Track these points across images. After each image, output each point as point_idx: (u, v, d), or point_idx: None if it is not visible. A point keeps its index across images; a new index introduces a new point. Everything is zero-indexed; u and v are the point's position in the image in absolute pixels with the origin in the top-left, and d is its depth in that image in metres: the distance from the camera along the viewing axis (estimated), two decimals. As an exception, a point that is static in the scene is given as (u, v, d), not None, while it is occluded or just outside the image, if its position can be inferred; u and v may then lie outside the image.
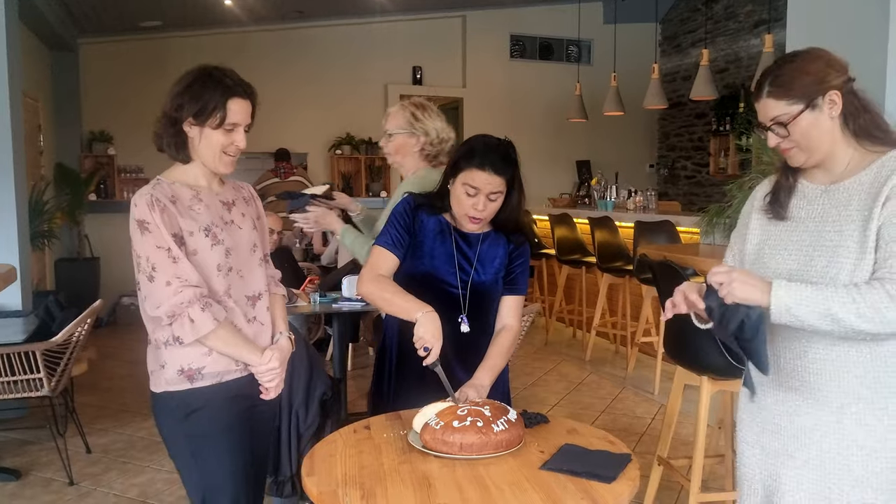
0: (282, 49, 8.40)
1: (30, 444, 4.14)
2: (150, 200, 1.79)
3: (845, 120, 1.55)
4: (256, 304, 1.96)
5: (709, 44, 8.30)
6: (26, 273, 4.78)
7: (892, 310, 1.39)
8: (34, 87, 6.59)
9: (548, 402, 4.81)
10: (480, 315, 2.12)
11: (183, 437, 1.89)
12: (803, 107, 1.53)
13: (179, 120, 1.83)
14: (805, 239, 1.58)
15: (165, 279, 1.76)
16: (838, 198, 1.56)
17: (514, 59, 9.61)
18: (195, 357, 1.84)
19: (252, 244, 1.97)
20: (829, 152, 1.57)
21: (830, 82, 1.53)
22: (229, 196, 1.97)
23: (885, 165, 1.52)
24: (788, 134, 1.56)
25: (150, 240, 1.78)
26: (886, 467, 1.52)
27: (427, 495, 1.46)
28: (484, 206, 2.02)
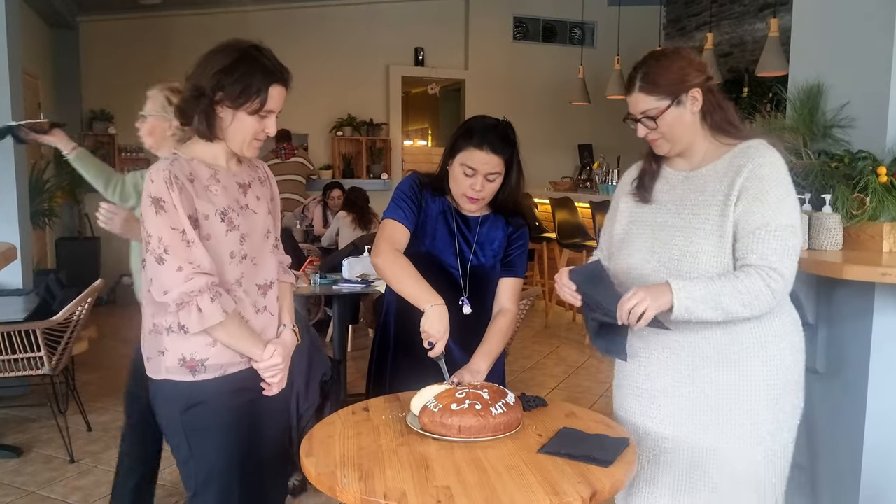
0: (283, 29, 8.34)
1: (31, 422, 4.16)
2: (168, 177, 1.67)
3: (704, 115, 1.74)
4: (267, 293, 1.88)
5: (713, 27, 8.24)
6: (27, 252, 4.78)
7: (767, 297, 1.63)
8: (34, 65, 6.55)
9: (547, 386, 4.83)
10: (480, 298, 2.12)
11: (181, 429, 1.80)
12: (670, 102, 1.71)
13: (214, 100, 1.70)
14: (668, 220, 1.79)
15: (177, 264, 1.66)
16: (696, 183, 1.77)
17: (516, 40, 9.54)
18: (199, 347, 1.74)
19: (266, 230, 1.88)
20: (689, 143, 1.77)
21: (693, 81, 1.71)
22: (245, 177, 1.86)
23: (736, 157, 1.72)
24: (656, 126, 1.74)
25: (164, 219, 1.66)
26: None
27: (425, 477, 1.46)
28: (482, 186, 2.01)
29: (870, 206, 2.35)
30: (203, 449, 1.81)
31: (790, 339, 1.80)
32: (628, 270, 1.84)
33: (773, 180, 1.67)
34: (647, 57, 1.77)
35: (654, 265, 1.78)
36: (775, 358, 1.76)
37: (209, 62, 1.71)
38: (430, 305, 1.89)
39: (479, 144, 1.99)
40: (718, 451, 1.76)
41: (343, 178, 8.28)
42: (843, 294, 2.44)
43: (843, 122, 2.58)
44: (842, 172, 2.44)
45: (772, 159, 1.69)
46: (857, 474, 2.43)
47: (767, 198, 1.65)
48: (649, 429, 1.84)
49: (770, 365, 1.75)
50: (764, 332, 1.75)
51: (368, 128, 8.84)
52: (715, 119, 1.75)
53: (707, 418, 1.77)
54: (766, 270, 1.63)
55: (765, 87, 7.38)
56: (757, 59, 6.43)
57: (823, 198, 2.44)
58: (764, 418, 1.76)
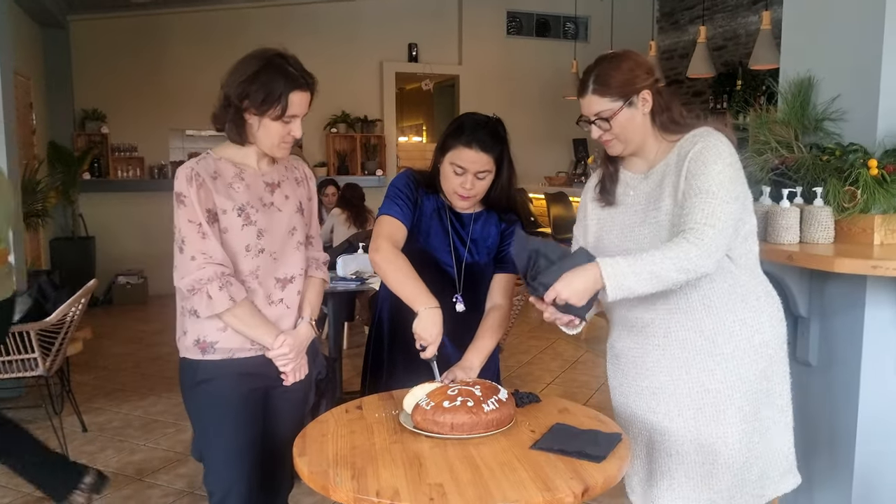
0: (276, 26, 8.31)
1: (26, 424, 4.11)
2: (189, 175, 1.84)
3: (653, 116, 1.81)
4: (287, 287, 1.98)
5: (707, 20, 8.23)
6: (20, 253, 4.76)
7: (696, 253, 1.63)
8: (25, 65, 6.52)
9: (542, 381, 4.83)
10: (475, 295, 2.12)
11: (192, 402, 1.98)
12: (622, 104, 1.77)
13: (241, 108, 1.84)
14: (634, 220, 1.85)
15: (191, 253, 1.82)
16: (654, 180, 1.83)
17: (510, 35, 9.52)
18: (211, 330, 1.90)
19: (291, 227, 1.98)
20: (641, 143, 1.83)
21: (642, 83, 1.78)
22: (276, 177, 1.98)
23: (683, 145, 1.79)
24: (610, 127, 1.79)
25: (184, 213, 1.83)
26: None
27: (418, 475, 1.46)
28: (472, 184, 2.01)
29: (861, 198, 2.35)
30: (206, 426, 1.96)
31: (767, 311, 1.86)
32: None
33: (712, 156, 1.72)
34: (598, 60, 1.83)
35: None
36: (757, 333, 1.82)
37: (237, 71, 1.85)
38: (423, 308, 1.88)
39: (468, 143, 1.98)
40: (726, 437, 1.81)
41: (338, 175, 8.26)
42: (835, 287, 2.45)
43: (833, 116, 2.59)
44: (833, 166, 2.44)
45: (714, 141, 1.75)
46: (850, 466, 2.44)
47: (706, 171, 1.70)
48: (655, 423, 1.87)
49: (753, 341, 1.82)
50: (743, 308, 1.81)
51: (363, 124, 8.82)
52: (662, 119, 1.82)
53: (710, 407, 1.81)
54: (693, 230, 1.66)
55: (758, 80, 7.39)
56: (750, 53, 6.43)
57: (815, 191, 2.44)
58: (758, 392, 1.83)
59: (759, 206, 2.53)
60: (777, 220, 2.43)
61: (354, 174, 8.64)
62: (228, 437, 1.94)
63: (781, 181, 2.56)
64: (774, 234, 2.44)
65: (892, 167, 2.35)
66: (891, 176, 2.34)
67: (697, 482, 1.83)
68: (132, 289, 7.70)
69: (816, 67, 2.68)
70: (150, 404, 4.44)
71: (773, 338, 1.87)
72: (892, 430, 2.42)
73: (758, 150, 2.68)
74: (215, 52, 7.85)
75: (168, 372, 4.99)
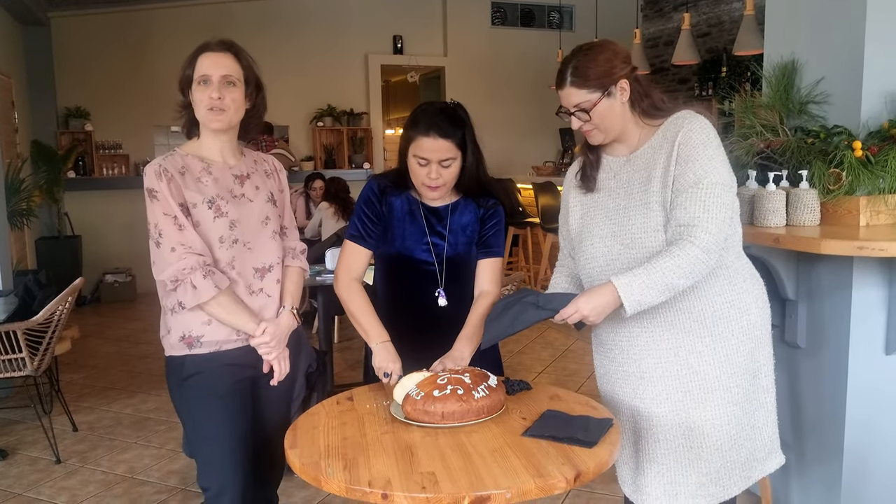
0: (260, 20, 8.26)
1: (15, 424, 4.13)
2: (157, 170, 1.87)
3: (632, 104, 1.82)
4: (265, 277, 2.00)
5: (691, 7, 8.23)
6: (5, 253, 4.72)
7: (703, 258, 1.69)
8: (5, 64, 6.45)
9: (534, 370, 4.84)
10: (458, 287, 2.09)
11: (181, 400, 1.97)
12: (600, 94, 1.78)
13: (184, 95, 1.93)
14: (620, 203, 1.85)
15: (171, 245, 1.83)
16: (638, 163, 1.84)
17: (495, 26, 9.50)
18: (196, 325, 1.90)
19: (264, 217, 2.00)
20: (622, 130, 1.84)
21: (619, 73, 1.78)
22: (245, 169, 2.02)
23: (667, 129, 1.80)
24: (590, 118, 1.80)
25: (158, 207, 1.85)
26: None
27: (410, 464, 1.46)
28: (437, 174, 1.97)
29: (846, 180, 2.36)
30: (199, 420, 1.95)
31: (753, 292, 1.88)
32: (593, 259, 1.89)
33: (701, 142, 1.73)
34: (574, 51, 1.84)
35: (617, 248, 1.84)
36: (744, 315, 1.84)
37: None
38: (376, 343, 1.97)
39: (425, 131, 1.94)
40: (714, 419, 1.82)
41: (325, 169, 8.23)
42: (822, 269, 2.46)
43: (818, 99, 2.60)
44: (818, 148, 2.45)
45: (700, 124, 1.76)
46: (839, 447, 2.46)
47: (697, 157, 1.72)
48: (642, 409, 1.87)
49: (741, 323, 1.83)
50: (730, 289, 1.83)
51: (349, 118, 8.79)
52: (643, 106, 1.83)
53: (698, 390, 1.82)
54: (694, 231, 1.69)
55: (743, 66, 7.40)
56: (734, 39, 6.43)
57: (800, 174, 2.45)
58: (745, 373, 1.85)
59: (746, 190, 2.54)
60: (763, 204, 2.44)
61: (342, 168, 8.61)
62: (222, 430, 1.93)
63: (767, 165, 2.57)
64: (761, 218, 2.45)
65: (877, 148, 2.36)
66: (875, 157, 2.35)
67: (686, 466, 1.84)
68: (120, 287, 7.65)
69: (800, 51, 2.69)
70: (139, 402, 4.42)
71: (760, 319, 1.88)
72: (881, 409, 2.44)
73: (743, 134, 2.69)
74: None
75: (157, 369, 4.96)
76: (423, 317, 2.08)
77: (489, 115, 7.81)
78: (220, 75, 1.89)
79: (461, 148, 1.98)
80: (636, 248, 1.80)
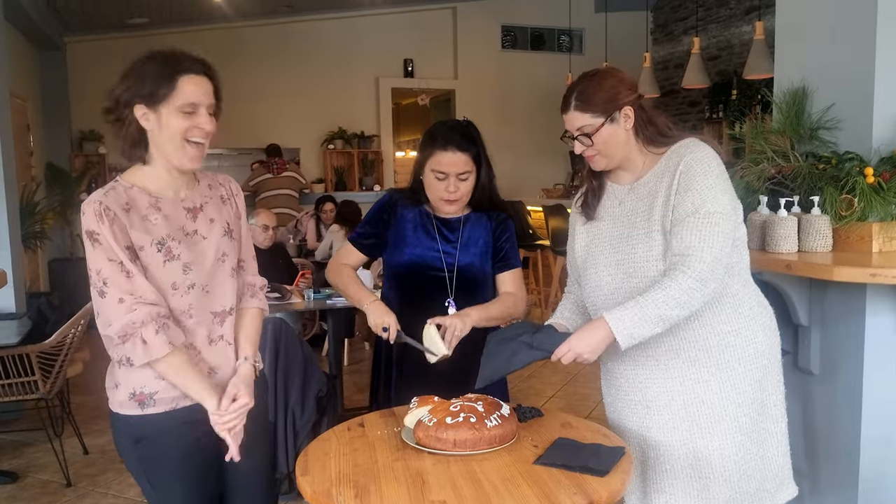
0: (271, 44, 8.36)
1: (26, 446, 4.13)
2: (98, 210, 1.60)
3: (636, 131, 1.82)
4: (225, 321, 1.76)
5: (700, 31, 8.28)
6: (19, 275, 4.76)
7: (697, 287, 1.67)
8: (21, 87, 6.55)
9: (544, 395, 4.82)
10: (468, 298, 2.14)
11: (136, 462, 1.74)
12: (604, 120, 1.78)
13: (129, 106, 1.63)
14: (623, 232, 1.84)
15: (118, 296, 1.59)
16: (641, 192, 1.83)
17: (505, 49, 9.58)
18: (148, 380, 1.67)
19: (220, 254, 1.75)
20: (625, 157, 1.84)
21: (624, 99, 1.78)
22: (197, 199, 1.75)
23: (670, 157, 1.80)
24: (592, 143, 1.80)
25: (100, 252, 1.59)
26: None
27: (421, 492, 1.45)
28: (455, 187, 2.07)
29: (858, 206, 2.35)
30: (159, 484, 1.73)
31: (760, 320, 1.86)
32: (598, 288, 1.88)
33: (701, 170, 1.73)
34: (580, 77, 1.84)
35: (620, 277, 1.83)
36: (751, 343, 1.82)
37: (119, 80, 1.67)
38: (367, 303, 2.07)
39: (443, 146, 2.04)
40: (722, 449, 1.79)
41: (335, 192, 8.28)
42: (835, 295, 2.45)
43: (828, 124, 2.60)
44: (829, 174, 2.44)
45: (702, 153, 1.75)
46: (855, 475, 2.43)
47: (696, 186, 1.71)
48: (649, 438, 1.85)
49: (748, 351, 1.81)
50: (736, 317, 1.81)
51: (360, 140, 8.85)
52: (647, 134, 1.82)
53: (705, 419, 1.80)
54: (688, 261, 1.67)
55: (753, 89, 7.42)
56: (744, 62, 6.46)
57: (812, 200, 2.45)
58: (753, 402, 1.82)
59: (757, 216, 2.53)
60: (775, 230, 2.44)
61: (352, 190, 8.66)
62: (187, 498, 1.73)
63: (778, 190, 2.56)
64: (773, 244, 2.44)
65: (889, 175, 2.35)
66: (887, 184, 2.34)
67: (694, 496, 1.81)
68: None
69: (810, 77, 2.69)
70: (150, 425, 4.41)
71: (768, 347, 1.86)
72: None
73: (754, 159, 2.69)
74: (212, 71, 7.90)
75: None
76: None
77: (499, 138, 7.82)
78: (208, 104, 1.66)
79: (476, 163, 2.09)
80: (638, 278, 1.79)
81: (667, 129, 1.83)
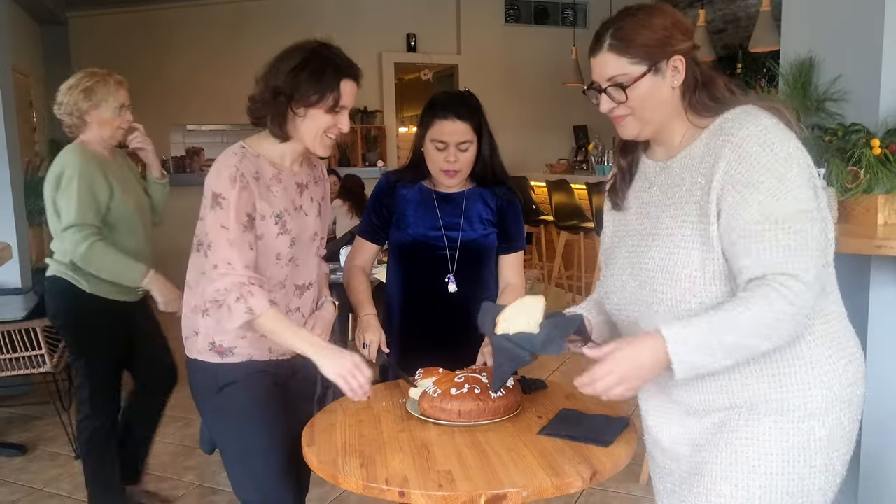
0: (274, 18, 8.28)
1: (35, 420, 4.18)
2: (234, 174, 1.71)
3: (684, 92, 1.38)
4: (304, 294, 1.93)
5: (706, 4, 8.18)
6: (24, 250, 4.77)
7: (791, 315, 1.23)
8: (24, 63, 6.51)
9: (548, 367, 4.84)
10: (471, 274, 2.14)
11: (215, 410, 1.87)
12: (646, 69, 1.34)
13: (291, 99, 1.73)
14: (646, 227, 1.44)
15: (214, 261, 1.71)
16: (673, 176, 1.40)
17: (508, 23, 9.48)
18: (229, 336, 1.80)
19: (314, 233, 1.93)
20: (663, 124, 1.40)
21: (676, 46, 1.35)
22: (304, 177, 1.91)
23: (713, 136, 1.34)
24: (626, 98, 1.37)
25: (217, 216, 1.71)
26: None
27: (426, 462, 1.47)
28: (455, 157, 2.04)
29: (864, 178, 2.35)
30: (242, 428, 1.85)
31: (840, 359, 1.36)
32: (612, 293, 1.50)
33: (764, 157, 1.25)
34: (620, 12, 1.40)
35: (632, 286, 1.44)
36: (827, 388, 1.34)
37: (281, 63, 1.75)
38: (363, 314, 2.07)
39: (444, 115, 2.03)
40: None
41: (339, 167, 8.25)
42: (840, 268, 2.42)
43: (835, 96, 2.58)
44: (835, 146, 2.43)
45: (758, 129, 1.28)
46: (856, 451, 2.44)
47: (761, 181, 1.25)
48: None
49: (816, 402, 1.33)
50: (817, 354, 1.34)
51: (363, 115, 8.80)
52: (699, 97, 1.38)
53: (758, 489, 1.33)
54: (779, 280, 1.22)
55: (759, 63, 7.35)
56: (750, 35, 6.40)
57: (818, 172, 2.43)
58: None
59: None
60: (780, 203, 2.42)
61: (355, 165, 8.63)
62: (270, 441, 1.84)
63: (784, 163, 2.55)
64: (778, 217, 2.43)
65: (895, 146, 2.34)
66: (894, 155, 2.33)
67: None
68: (137, 284, 7.70)
69: (817, 48, 2.67)
70: (157, 399, 4.45)
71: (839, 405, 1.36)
72: (899, 410, 2.42)
73: (760, 132, 2.67)
74: (215, 47, 7.85)
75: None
76: (432, 302, 2.12)
77: (503, 113, 7.79)
78: (351, 107, 1.84)
79: (477, 133, 2.07)
80: (647, 291, 1.39)
81: (724, 94, 1.38)
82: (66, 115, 2.79)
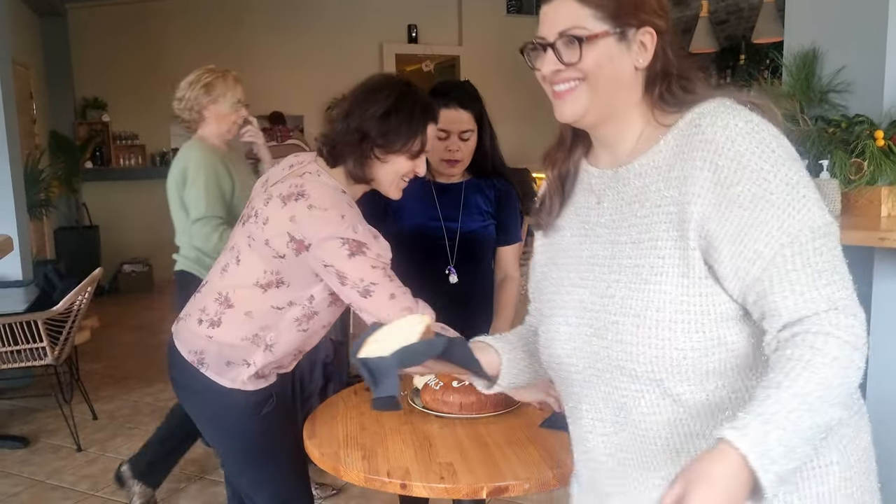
0: (274, 9, 8.26)
1: (37, 412, 4.18)
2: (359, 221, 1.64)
3: (648, 79, 1.07)
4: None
5: (708, -5, 8.15)
6: (25, 243, 4.78)
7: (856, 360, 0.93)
8: (23, 55, 6.49)
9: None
10: (470, 265, 2.15)
11: (251, 434, 1.80)
12: (609, 28, 1.03)
13: (375, 144, 1.66)
14: (597, 255, 1.10)
15: (388, 293, 1.63)
16: (630, 190, 1.08)
17: (510, 14, 9.44)
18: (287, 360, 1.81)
19: None
20: (615, 112, 1.09)
21: (648, 15, 1.05)
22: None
23: (685, 136, 1.03)
24: (579, 59, 1.05)
25: (362, 261, 1.61)
26: None
27: (428, 455, 1.47)
28: (457, 146, 2.05)
29: (867, 170, 2.33)
30: (276, 447, 1.82)
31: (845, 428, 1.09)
32: (552, 342, 1.15)
33: (764, 159, 0.96)
34: None
35: (584, 337, 1.09)
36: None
37: (367, 104, 1.67)
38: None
39: (445, 104, 2.02)
40: None
41: (340, 159, 8.25)
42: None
43: (839, 87, 2.56)
44: (839, 138, 2.42)
45: (747, 126, 0.98)
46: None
47: (771, 192, 0.95)
48: None
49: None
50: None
51: (363, 107, 8.79)
52: (667, 86, 1.07)
53: None
54: (829, 320, 0.92)
55: (762, 54, 7.32)
56: (753, 26, 6.37)
57: (821, 164, 2.42)
58: None
59: (765, 181, 2.51)
60: (783, 194, 2.41)
61: (358, 157, 8.62)
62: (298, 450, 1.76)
63: (787, 155, 2.54)
64: (780, 208, 2.42)
65: (899, 138, 2.33)
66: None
67: None
68: (137, 277, 7.71)
69: (821, 39, 2.65)
70: (158, 391, 4.46)
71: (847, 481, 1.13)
72: (901, 402, 2.41)
73: (763, 123, 2.66)
74: (216, 38, 7.82)
75: (176, 358, 5.00)
76: (433, 293, 2.11)
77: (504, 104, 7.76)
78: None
79: (479, 122, 2.07)
80: (608, 341, 1.05)
81: (695, 85, 1.07)
82: (186, 111, 2.80)
